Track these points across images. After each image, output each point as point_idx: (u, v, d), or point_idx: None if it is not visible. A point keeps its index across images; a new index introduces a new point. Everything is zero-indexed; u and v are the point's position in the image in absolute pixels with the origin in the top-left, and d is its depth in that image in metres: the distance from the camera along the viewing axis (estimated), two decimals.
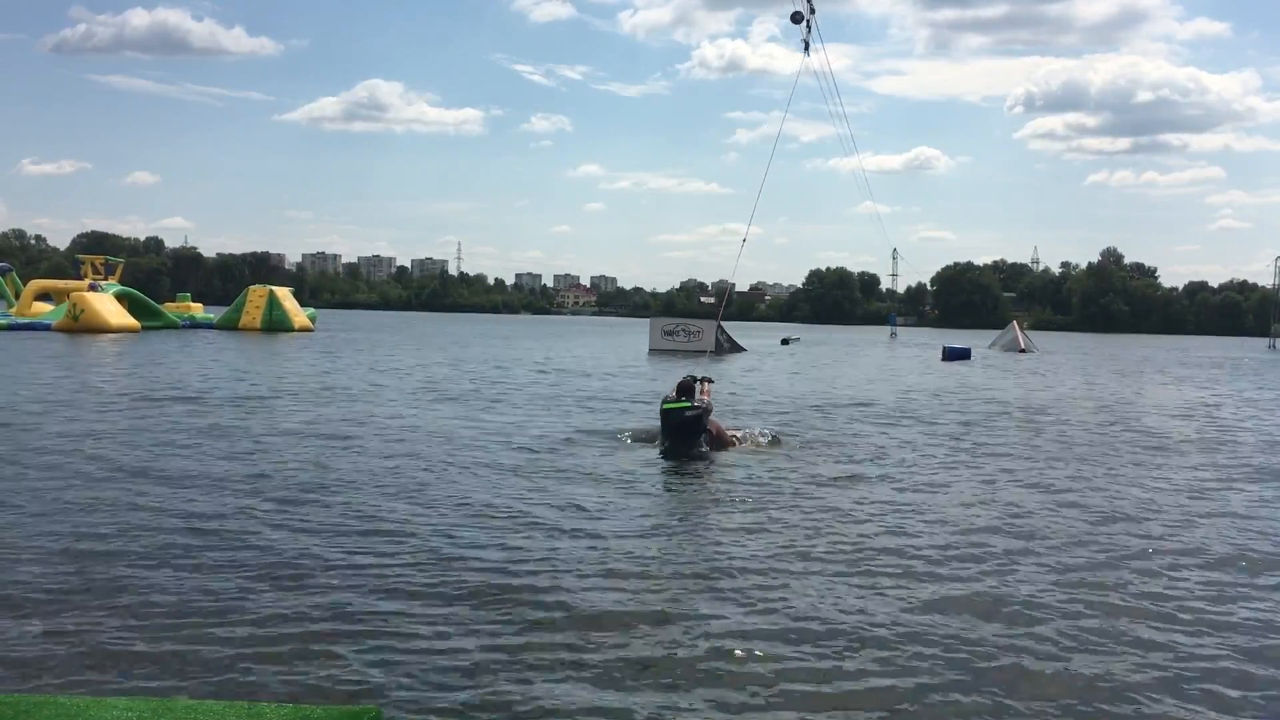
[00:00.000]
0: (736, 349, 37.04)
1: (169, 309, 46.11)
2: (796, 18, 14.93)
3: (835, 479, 9.66)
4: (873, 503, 8.53)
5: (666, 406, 11.26)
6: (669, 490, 8.88)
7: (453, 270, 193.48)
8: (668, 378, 20.34)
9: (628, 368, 27.15)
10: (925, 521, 7.82)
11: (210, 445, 10.65)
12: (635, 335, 50.08)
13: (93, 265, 45.57)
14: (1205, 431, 14.98)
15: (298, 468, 9.44)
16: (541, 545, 6.71)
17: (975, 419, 15.66)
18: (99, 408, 13.84)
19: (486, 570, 6.08)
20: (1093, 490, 9.51)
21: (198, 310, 49.29)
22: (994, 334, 61.32)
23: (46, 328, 37.61)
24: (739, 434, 11.90)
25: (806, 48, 15.33)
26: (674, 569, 6.23)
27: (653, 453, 11.02)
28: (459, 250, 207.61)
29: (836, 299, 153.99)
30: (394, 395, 16.97)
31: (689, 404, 11.05)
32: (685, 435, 11.04)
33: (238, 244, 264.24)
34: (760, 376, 24.67)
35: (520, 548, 6.63)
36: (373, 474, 9.22)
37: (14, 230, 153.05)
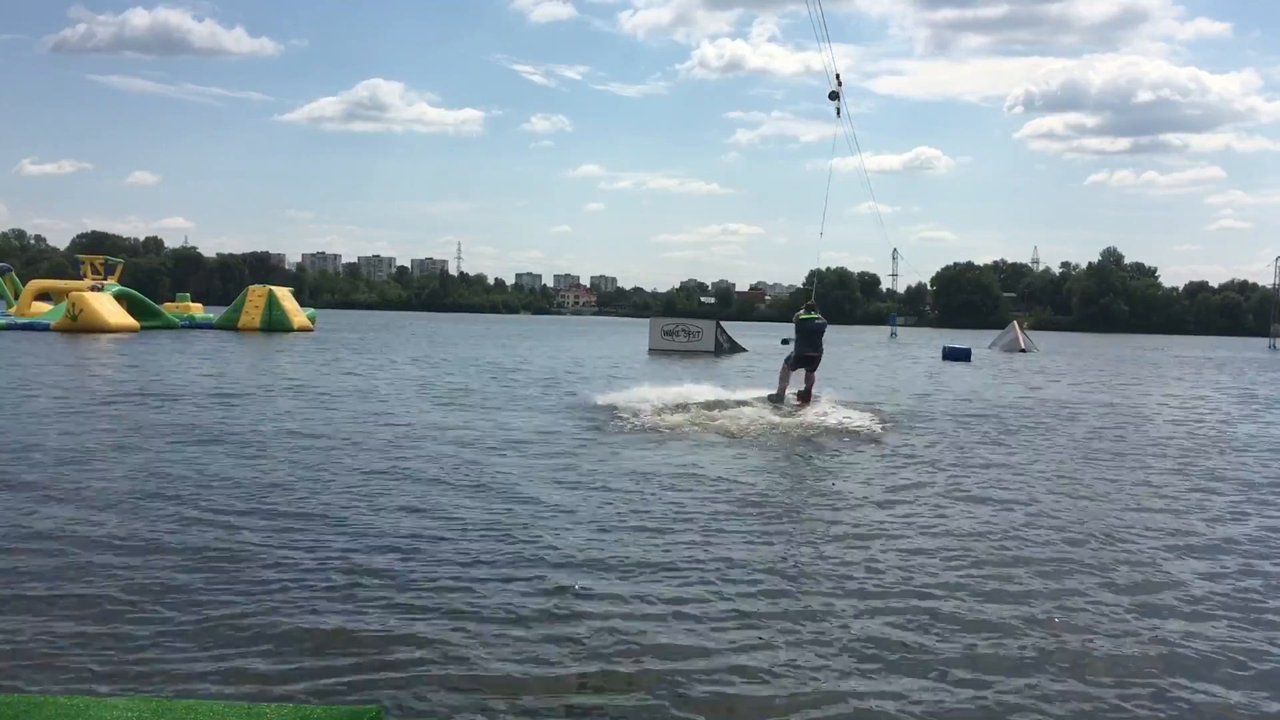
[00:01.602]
0: (737, 349, 37.03)
1: (168, 309, 46.04)
2: (833, 95, 17.35)
3: (847, 483, 9.65)
4: (888, 505, 8.54)
5: (803, 317, 15.98)
6: (680, 489, 8.84)
7: (453, 270, 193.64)
8: (661, 375, 20.31)
9: (626, 367, 27.13)
10: (939, 524, 7.82)
11: (205, 446, 10.64)
12: (635, 335, 50.06)
13: (92, 265, 45.55)
14: (1225, 434, 14.96)
15: (294, 468, 9.42)
16: (542, 543, 6.70)
17: (979, 420, 15.64)
18: (90, 407, 13.83)
19: (487, 568, 6.08)
20: (1110, 495, 9.50)
21: (197, 310, 49.24)
22: (994, 334, 61.29)
23: (45, 328, 37.58)
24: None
25: (839, 112, 17.80)
26: (686, 566, 6.21)
27: (655, 451, 10.98)
28: (459, 250, 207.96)
29: (836, 299, 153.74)
30: (395, 395, 16.94)
31: (818, 315, 15.99)
32: (818, 339, 15.85)
33: (238, 244, 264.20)
34: (760, 377, 24.62)
35: (522, 545, 6.62)
36: (372, 473, 9.20)
37: (14, 230, 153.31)
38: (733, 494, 8.70)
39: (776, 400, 15.49)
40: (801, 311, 16.27)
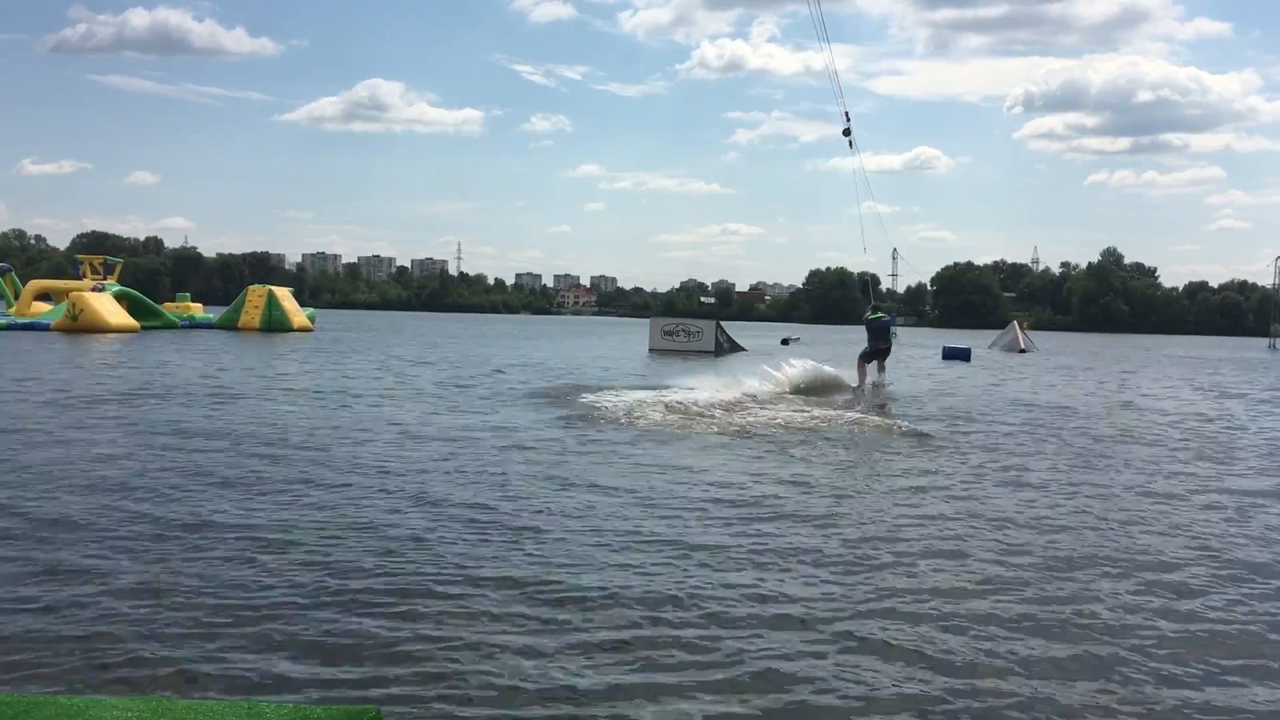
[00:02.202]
0: (737, 349, 37.02)
1: (168, 309, 46.01)
2: (846, 132, 20.00)
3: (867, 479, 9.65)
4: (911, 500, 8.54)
5: (871, 317, 19.56)
6: (671, 494, 8.83)
7: (453, 270, 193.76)
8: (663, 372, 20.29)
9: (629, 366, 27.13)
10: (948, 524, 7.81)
11: (202, 445, 10.63)
12: (635, 335, 50.04)
13: (91, 265, 45.53)
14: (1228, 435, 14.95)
15: (293, 467, 9.42)
16: (540, 543, 6.70)
17: (977, 421, 15.63)
18: (89, 406, 13.83)
19: (486, 568, 6.08)
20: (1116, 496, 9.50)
21: (197, 310, 49.23)
22: (994, 334, 61.24)
23: (45, 328, 37.58)
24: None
25: (851, 145, 20.44)
26: (689, 562, 6.22)
27: (647, 452, 10.97)
28: (459, 250, 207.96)
29: (836, 299, 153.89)
30: (396, 395, 16.94)
31: (884, 314, 19.74)
32: (886, 333, 19.60)
33: (238, 244, 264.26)
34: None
35: (520, 545, 6.63)
36: (372, 472, 9.20)
37: (14, 230, 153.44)
38: (727, 500, 8.67)
39: (859, 391, 18.51)
40: (869, 312, 19.97)
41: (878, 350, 19.43)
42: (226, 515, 7.34)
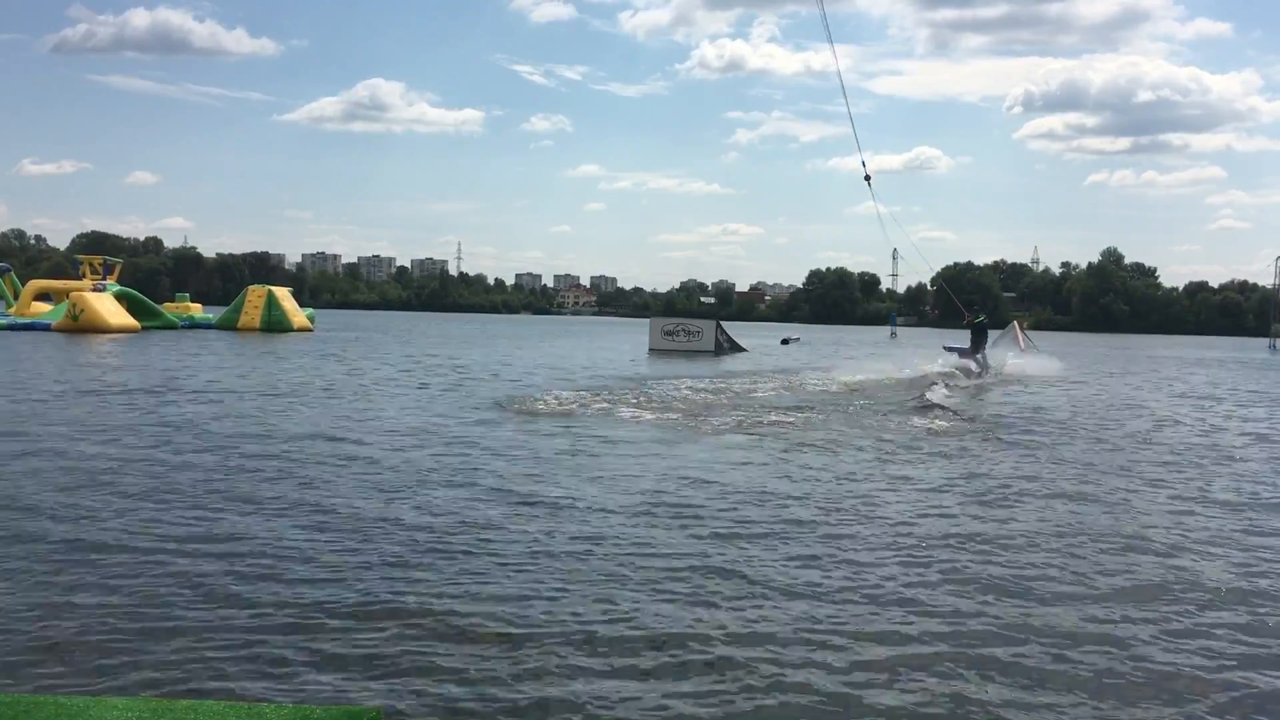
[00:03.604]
0: (737, 349, 37.02)
1: (168, 309, 46.03)
2: (866, 178, 22.69)
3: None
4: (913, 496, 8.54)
5: (975, 321, 25.81)
6: (678, 490, 8.83)
7: (453, 270, 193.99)
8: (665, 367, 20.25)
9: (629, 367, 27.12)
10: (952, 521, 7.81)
11: (202, 445, 10.62)
12: (635, 335, 50.03)
13: (91, 265, 45.53)
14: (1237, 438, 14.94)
15: (293, 466, 9.42)
16: (537, 542, 6.70)
17: (966, 417, 15.63)
18: (88, 405, 13.82)
19: (487, 567, 6.08)
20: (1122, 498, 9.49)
21: (197, 310, 49.24)
22: (994, 334, 61.15)
23: (46, 328, 37.60)
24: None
25: (869, 184, 23.21)
26: (685, 564, 6.21)
27: (666, 450, 10.97)
28: (459, 250, 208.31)
29: (836, 299, 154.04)
30: (400, 396, 16.94)
31: (984, 318, 25.97)
32: (985, 332, 26.12)
33: (238, 244, 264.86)
34: (764, 375, 24.60)
35: (517, 543, 6.62)
36: (373, 472, 9.20)
37: (14, 230, 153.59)
38: (715, 501, 8.67)
39: (975, 375, 24.48)
40: (971, 317, 26.43)
41: (977, 345, 26.11)
42: (226, 517, 7.33)
